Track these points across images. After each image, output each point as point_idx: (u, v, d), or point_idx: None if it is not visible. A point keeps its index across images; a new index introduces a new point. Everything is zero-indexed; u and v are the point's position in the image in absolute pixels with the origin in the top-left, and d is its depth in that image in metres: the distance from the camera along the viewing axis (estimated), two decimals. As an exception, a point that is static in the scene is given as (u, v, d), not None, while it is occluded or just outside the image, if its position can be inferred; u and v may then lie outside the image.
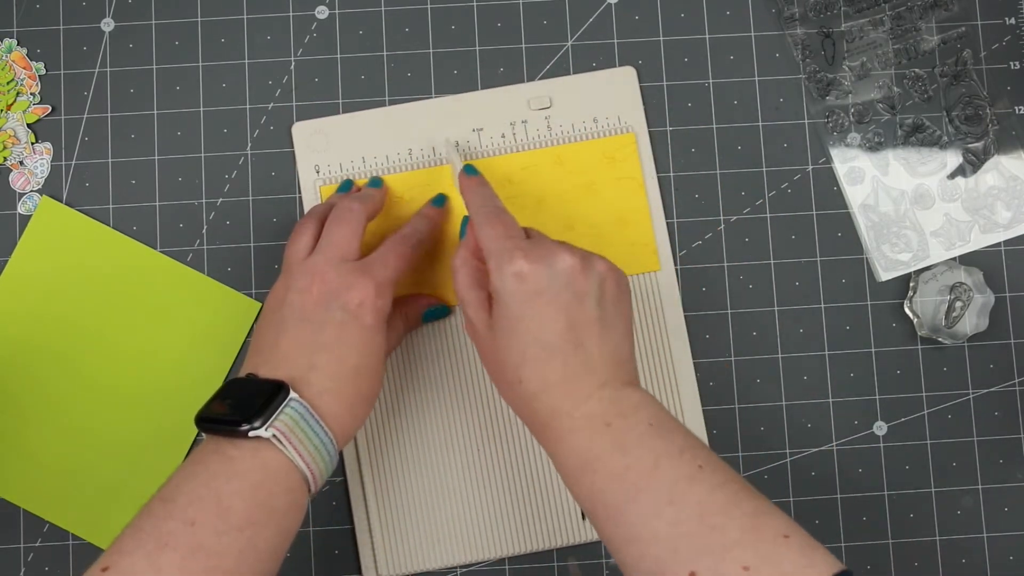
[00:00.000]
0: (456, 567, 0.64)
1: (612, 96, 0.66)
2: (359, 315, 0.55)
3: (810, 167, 0.67)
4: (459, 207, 0.64)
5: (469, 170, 0.60)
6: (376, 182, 0.64)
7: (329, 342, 0.54)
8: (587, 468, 0.50)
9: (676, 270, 0.66)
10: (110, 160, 0.66)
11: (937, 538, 0.65)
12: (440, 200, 0.64)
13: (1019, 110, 0.67)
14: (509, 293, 0.53)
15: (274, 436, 0.50)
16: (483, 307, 0.55)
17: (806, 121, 0.67)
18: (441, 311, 0.64)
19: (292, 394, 0.52)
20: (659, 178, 0.66)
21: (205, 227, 0.66)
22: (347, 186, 0.64)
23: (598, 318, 0.53)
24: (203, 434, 0.53)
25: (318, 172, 0.65)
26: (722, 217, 0.66)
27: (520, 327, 0.53)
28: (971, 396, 0.66)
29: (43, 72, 0.66)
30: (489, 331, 0.54)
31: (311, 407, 0.52)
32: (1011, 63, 0.67)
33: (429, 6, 0.67)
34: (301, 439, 0.51)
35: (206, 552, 0.47)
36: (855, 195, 0.66)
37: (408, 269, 0.59)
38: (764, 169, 0.66)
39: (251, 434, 0.50)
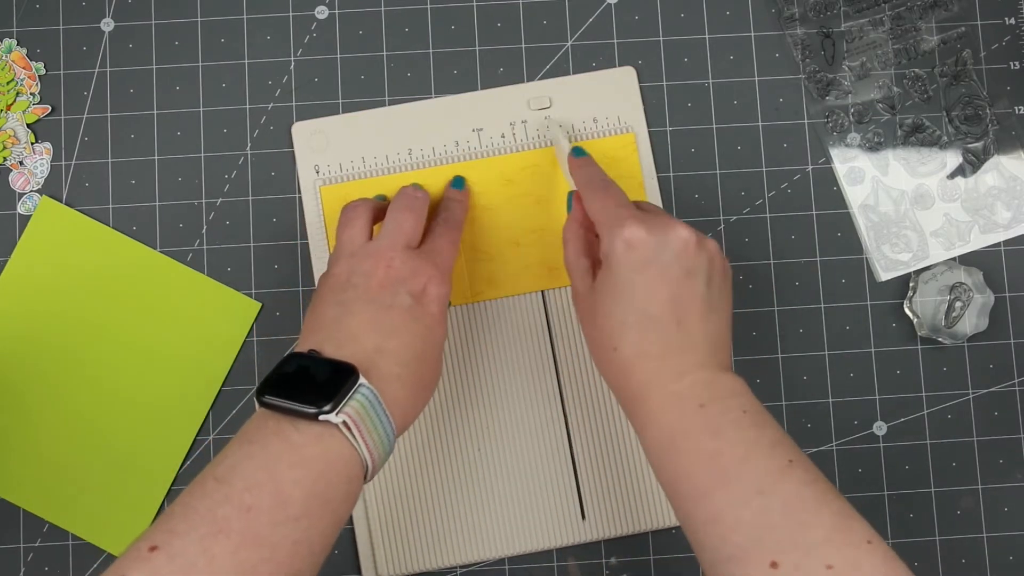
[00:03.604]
0: (456, 567, 0.64)
1: (612, 96, 0.66)
2: (424, 302, 0.55)
3: (810, 167, 0.67)
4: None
5: (577, 152, 0.62)
6: (417, 186, 0.64)
7: (396, 326, 0.53)
8: (674, 446, 0.50)
9: (676, 270, 0.66)
10: (110, 160, 0.66)
11: (937, 538, 0.65)
12: (460, 182, 0.64)
13: (1019, 110, 0.67)
14: (618, 259, 0.53)
15: (344, 423, 0.48)
16: (589, 274, 0.57)
17: (806, 121, 0.67)
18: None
19: (361, 379, 0.49)
20: (659, 178, 0.66)
21: (205, 227, 0.66)
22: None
23: (704, 297, 0.53)
24: (259, 407, 0.50)
25: (318, 172, 0.65)
26: (722, 217, 0.66)
27: (624, 294, 0.53)
28: (971, 396, 0.66)
29: (43, 72, 0.66)
30: (591, 295, 0.55)
31: (378, 393, 0.50)
32: (1011, 63, 0.67)
33: (429, 6, 0.67)
34: (368, 428, 0.49)
35: (261, 542, 0.45)
36: (855, 195, 0.66)
37: (456, 254, 0.60)
38: (764, 169, 0.66)
39: (321, 418, 0.48)
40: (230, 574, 0.44)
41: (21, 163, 0.65)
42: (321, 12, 0.67)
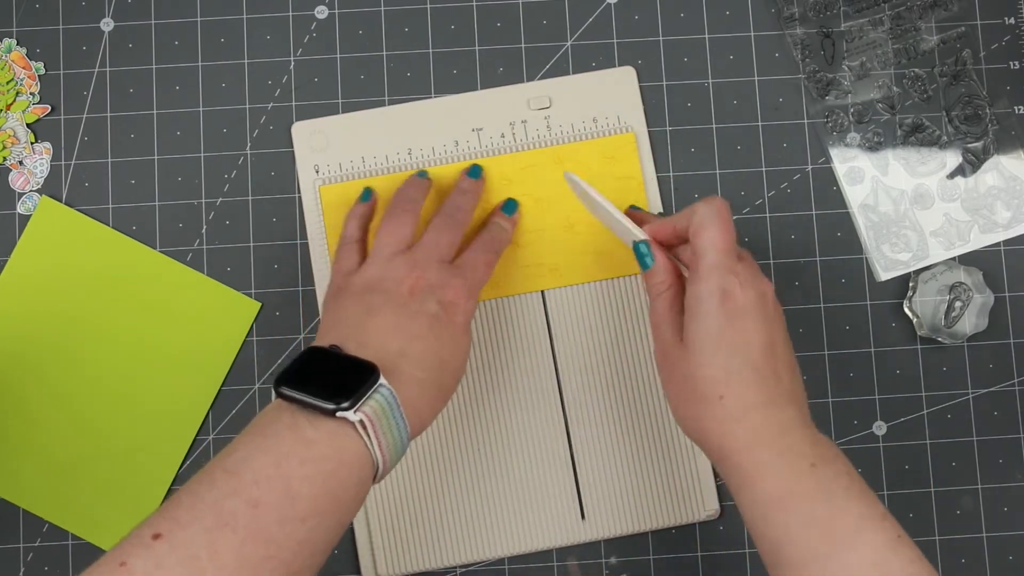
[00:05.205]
0: (456, 567, 0.64)
1: (612, 96, 0.66)
2: (451, 312, 0.55)
3: (809, 167, 0.67)
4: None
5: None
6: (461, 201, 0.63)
7: (421, 331, 0.53)
8: (783, 505, 0.50)
9: (676, 270, 0.66)
10: (109, 160, 0.66)
11: (937, 538, 0.65)
12: (512, 207, 0.64)
13: (1019, 110, 0.67)
14: (715, 307, 0.52)
15: (361, 422, 0.47)
16: (678, 327, 0.55)
17: (805, 121, 0.67)
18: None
19: (382, 379, 0.49)
20: (659, 178, 0.66)
21: (205, 227, 0.66)
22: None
23: (785, 350, 0.54)
24: (275, 398, 0.49)
25: (317, 172, 0.65)
26: (722, 217, 0.66)
27: (723, 343, 0.52)
28: (971, 396, 0.66)
29: (43, 72, 0.66)
30: (681, 348, 0.54)
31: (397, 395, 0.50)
32: (1011, 63, 0.67)
33: (429, 6, 0.67)
34: (384, 429, 0.48)
35: (266, 539, 0.44)
36: (855, 195, 0.66)
37: (491, 274, 0.60)
38: (763, 169, 0.66)
39: (338, 414, 0.47)
40: (232, 569, 0.43)
41: (21, 163, 0.65)
42: (321, 12, 0.67)
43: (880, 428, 0.65)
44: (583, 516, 0.64)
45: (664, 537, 0.64)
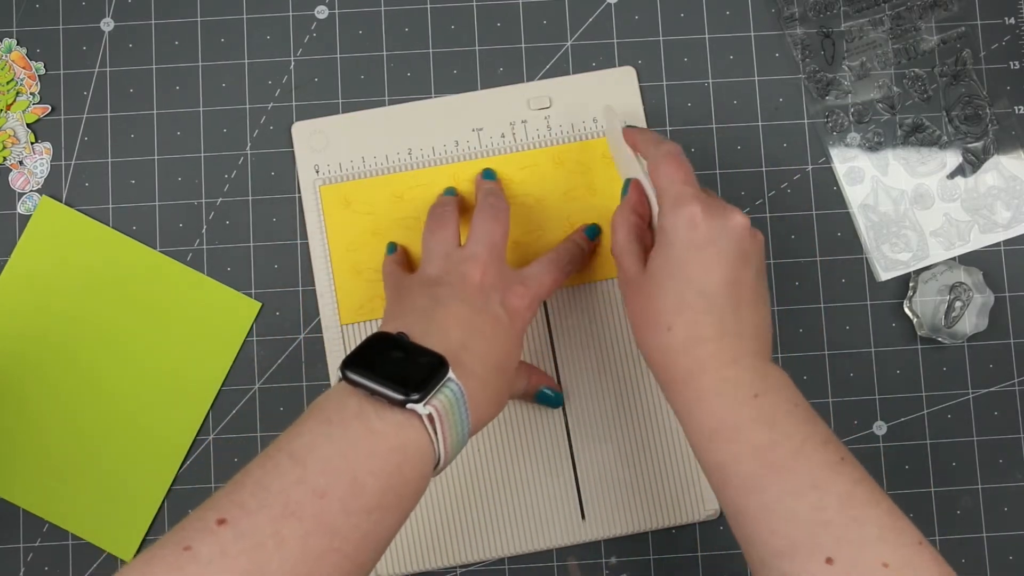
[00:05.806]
0: (456, 567, 0.64)
1: (612, 96, 0.66)
2: (512, 317, 0.55)
3: (810, 167, 0.67)
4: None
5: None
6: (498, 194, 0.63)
7: (484, 329, 0.53)
8: (725, 434, 0.50)
9: (676, 270, 0.66)
10: (109, 160, 0.66)
11: (937, 538, 0.65)
12: (594, 231, 0.64)
13: (1019, 110, 0.67)
14: (678, 237, 0.53)
15: (429, 415, 0.46)
16: (640, 258, 0.55)
17: (805, 121, 0.67)
18: (557, 400, 0.63)
19: (450, 373, 0.48)
20: (659, 178, 0.66)
21: (205, 227, 0.66)
22: (452, 191, 0.64)
23: (754, 285, 0.53)
24: (339, 380, 0.48)
25: (318, 172, 0.65)
26: (722, 217, 0.66)
27: (682, 272, 0.52)
28: (971, 396, 0.66)
29: (43, 72, 0.66)
30: (642, 276, 0.54)
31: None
32: (1011, 63, 0.67)
33: (429, 6, 0.67)
34: (450, 424, 0.48)
35: (331, 531, 0.44)
36: (855, 195, 0.66)
37: (555, 291, 0.60)
38: (764, 169, 0.66)
39: (408, 406, 0.46)
40: (297, 560, 0.43)
41: (21, 163, 0.65)
42: (321, 12, 0.67)
43: (880, 428, 0.65)
44: (583, 516, 0.64)
45: (664, 537, 0.64)
